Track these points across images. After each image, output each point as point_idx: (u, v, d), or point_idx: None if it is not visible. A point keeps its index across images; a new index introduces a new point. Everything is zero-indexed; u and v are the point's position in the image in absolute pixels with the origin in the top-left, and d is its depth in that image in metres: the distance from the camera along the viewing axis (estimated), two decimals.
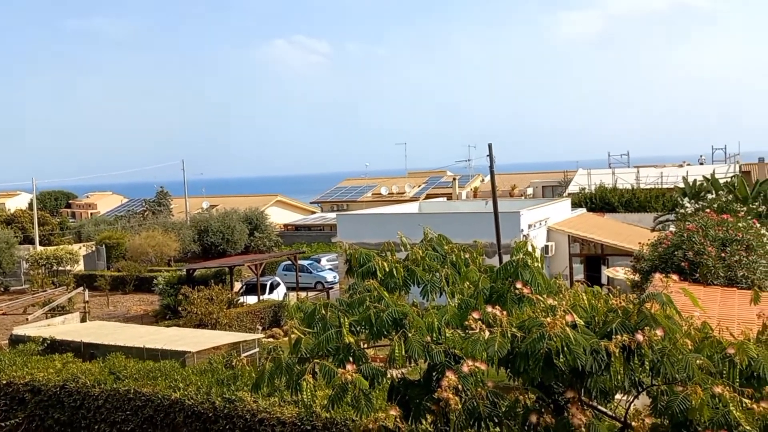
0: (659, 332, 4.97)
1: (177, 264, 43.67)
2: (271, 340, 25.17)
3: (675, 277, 5.48)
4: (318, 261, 41.58)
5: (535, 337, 4.80)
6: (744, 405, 4.85)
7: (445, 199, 48.12)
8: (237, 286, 34.22)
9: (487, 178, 54.79)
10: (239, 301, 29.67)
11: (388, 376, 6.16)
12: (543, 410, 5.25)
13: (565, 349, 4.66)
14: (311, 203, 67.37)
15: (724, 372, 5.28)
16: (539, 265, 6.11)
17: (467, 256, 6.78)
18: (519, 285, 5.71)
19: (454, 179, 53.90)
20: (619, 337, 4.92)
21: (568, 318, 4.88)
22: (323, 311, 6.21)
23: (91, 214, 65.63)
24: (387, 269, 6.46)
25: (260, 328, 27.62)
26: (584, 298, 5.71)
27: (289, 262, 37.27)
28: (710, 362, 5.34)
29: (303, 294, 32.64)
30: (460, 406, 5.27)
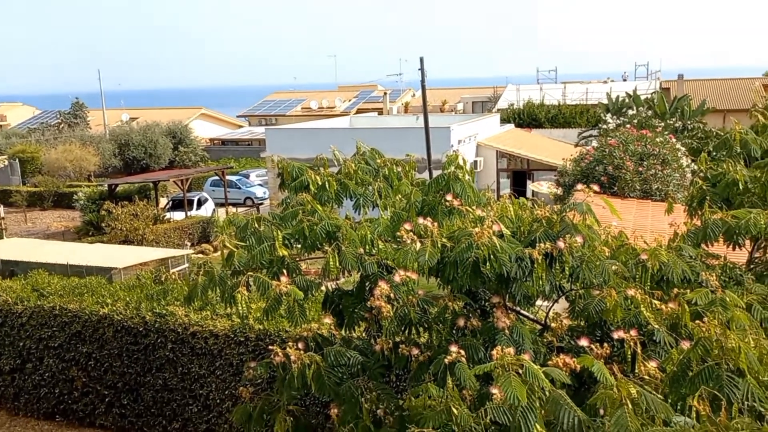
0: (579, 240, 5.23)
1: (98, 179, 42.08)
2: (200, 256, 24.97)
3: (596, 188, 5.72)
4: (247, 176, 40.94)
5: (464, 246, 4.96)
6: (654, 306, 5.25)
7: (376, 113, 47.76)
8: (163, 201, 33.42)
9: (418, 93, 54.54)
10: (166, 217, 29.07)
11: (322, 287, 6.29)
12: (470, 315, 5.52)
13: (492, 257, 4.86)
14: (238, 117, 65.45)
15: (637, 276, 5.67)
16: (470, 178, 6.24)
17: (399, 169, 6.84)
18: (450, 197, 5.84)
19: (385, 94, 53.37)
20: (542, 245, 5.16)
21: (495, 228, 5.06)
22: (256, 225, 6.19)
23: (0, 126, 61.62)
24: (320, 183, 6.45)
25: (189, 244, 27.30)
26: (511, 209, 5.92)
27: (217, 178, 36.55)
28: (625, 268, 5.71)
29: (232, 210, 32.26)
30: (392, 313, 5.47)
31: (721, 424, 3.42)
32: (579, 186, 5.52)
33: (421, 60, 28.83)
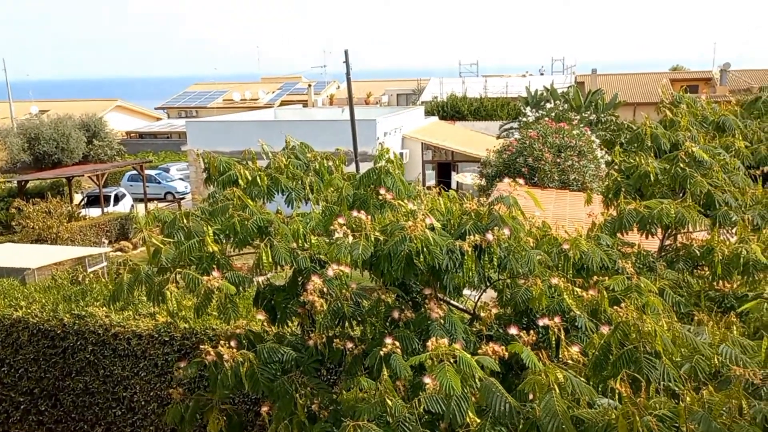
0: (507, 231, 5.42)
1: (5, 175, 39.68)
2: (119, 253, 24.07)
3: (521, 182, 5.93)
4: (167, 170, 39.71)
5: (398, 240, 5.05)
6: (575, 293, 5.51)
7: (301, 106, 47.33)
8: (77, 198, 31.95)
9: (343, 85, 54.37)
10: (81, 214, 27.82)
11: (254, 282, 6.23)
12: (403, 307, 5.61)
13: (425, 249, 4.96)
14: (156, 109, 63.24)
15: (560, 265, 5.93)
16: (400, 171, 6.33)
17: (330, 163, 6.84)
18: (382, 191, 5.91)
19: (310, 86, 52.97)
20: (471, 237, 5.31)
21: (428, 221, 5.17)
22: (185, 220, 6.05)
23: None
24: (250, 177, 6.37)
25: (106, 241, 26.25)
26: (441, 202, 6.05)
27: (135, 172, 35.26)
28: (548, 257, 5.95)
29: (152, 205, 31.23)
30: (325, 307, 5.49)
31: (640, 404, 3.65)
32: (506, 180, 5.71)
33: (346, 53, 28.79)
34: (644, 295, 5.41)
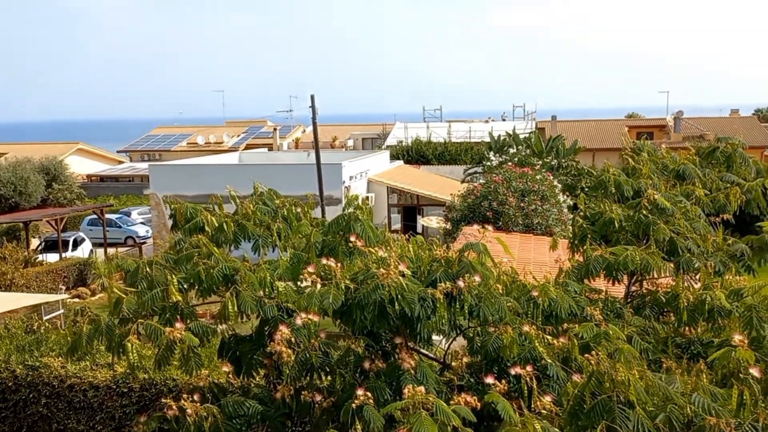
0: (477, 278, 5.40)
1: None
2: (77, 300, 23.32)
3: (490, 228, 5.95)
4: (128, 214, 38.97)
5: (371, 287, 4.98)
6: (546, 341, 5.48)
7: (266, 149, 47.30)
8: (34, 243, 31.04)
9: (309, 129, 54.62)
10: (38, 260, 26.97)
11: (219, 332, 6.06)
12: (374, 357, 5.51)
13: (399, 297, 4.90)
14: (119, 152, 62.45)
15: (529, 312, 5.92)
16: (369, 218, 6.30)
17: (299, 210, 6.78)
18: (353, 238, 5.86)
19: (275, 129, 53.05)
20: (443, 284, 5.27)
21: (401, 267, 5.13)
22: (148, 269, 5.89)
23: None
24: (217, 224, 6.26)
25: (63, 288, 25.44)
26: (411, 248, 6.03)
27: (95, 216, 34.51)
28: (518, 304, 5.94)
29: (112, 250, 30.50)
30: (293, 358, 5.35)
31: None
32: (475, 226, 5.73)
33: (312, 97, 29.04)
34: (613, 342, 5.41)
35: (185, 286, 5.99)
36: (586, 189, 24.88)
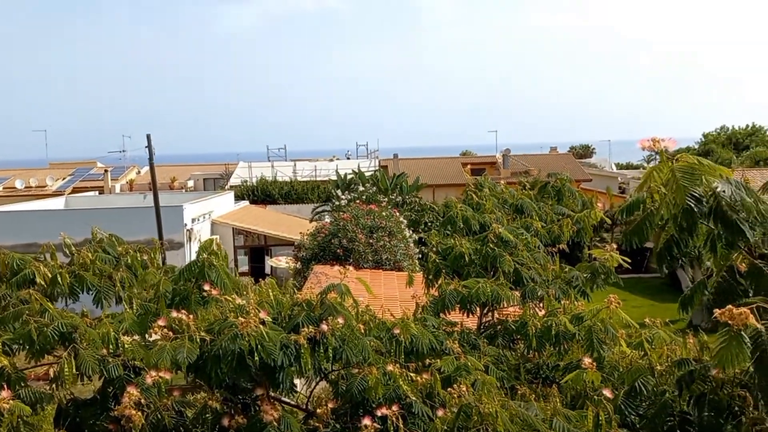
0: (341, 320, 5.31)
1: None
2: None
3: (352, 269, 5.92)
4: None
5: (229, 338, 4.70)
6: (409, 378, 5.50)
7: (96, 193, 44.08)
8: None
9: (144, 170, 51.88)
10: None
11: (56, 398, 5.39)
12: (233, 411, 5.19)
13: (259, 347, 4.66)
14: None
15: (392, 350, 5.92)
16: (224, 263, 6.00)
17: (145, 257, 6.31)
18: (207, 286, 5.53)
19: (107, 171, 49.71)
20: (306, 329, 5.12)
21: (262, 315, 4.90)
22: None
23: None
24: (50, 275, 5.63)
25: None
26: (270, 293, 5.81)
27: None
28: (380, 343, 5.93)
29: None
30: (143, 421, 4.89)
31: None
32: (337, 267, 5.66)
33: (149, 137, 27.65)
34: (472, 373, 5.56)
35: (12, 349, 5.28)
36: (430, 224, 25.95)
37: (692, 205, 3.94)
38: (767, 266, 4.14)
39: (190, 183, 51.68)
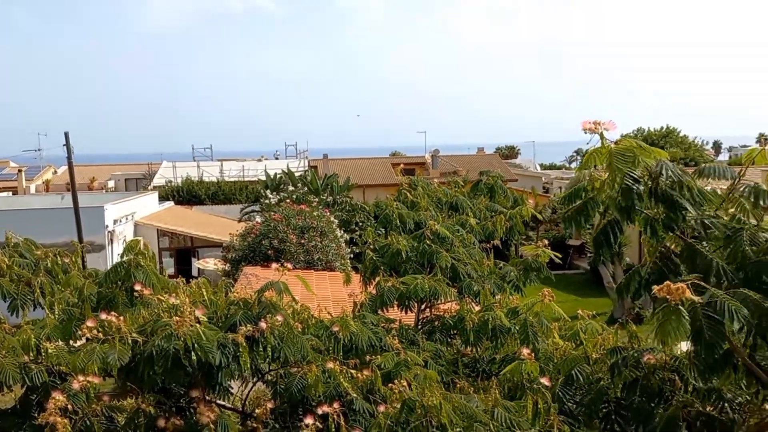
0: (280, 318, 5.20)
1: None
2: None
3: (290, 267, 5.81)
4: None
5: (163, 338, 4.50)
6: (350, 375, 5.45)
7: (9, 193, 41.75)
8: None
9: (61, 170, 49.56)
10: None
11: None
12: (168, 414, 4.99)
13: (196, 346, 4.49)
14: None
15: (331, 348, 5.85)
16: (153, 264, 5.76)
17: (67, 260, 5.97)
18: (138, 287, 5.29)
19: (20, 171, 47.18)
20: (244, 327, 4.98)
21: (198, 313, 4.73)
22: None
23: None
24: None
25: None
26: (204, 293, 5.62)
27: None
28: (319, 341, 5.85)
29: None
30: (69, 428, 4.63)
31: None
32: (274, 265, 5.56)
33: (67, 135, 26.41)
34: (413, 368, 5.56)
35: None
36: (361, 224, 25.95)
37: (630, 184, 4.07)
38: (700, 245, 4.33)
39: (111, 183, 49.76)
